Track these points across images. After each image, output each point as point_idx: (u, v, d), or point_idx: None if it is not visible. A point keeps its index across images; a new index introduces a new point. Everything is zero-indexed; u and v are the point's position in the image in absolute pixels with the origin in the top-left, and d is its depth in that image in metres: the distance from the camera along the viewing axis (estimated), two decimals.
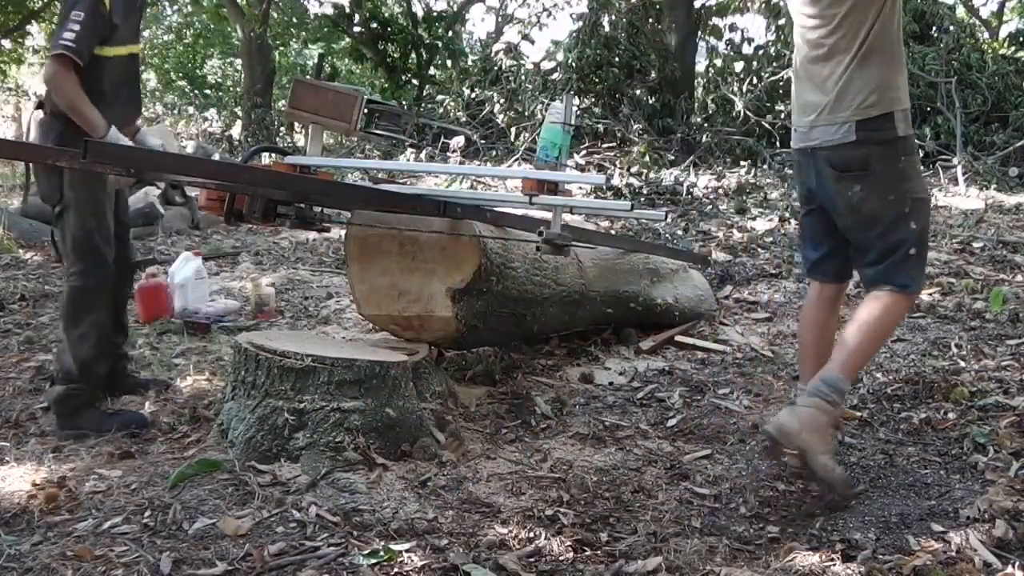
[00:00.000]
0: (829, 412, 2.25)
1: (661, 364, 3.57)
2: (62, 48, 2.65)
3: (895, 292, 2.33)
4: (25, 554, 1.97)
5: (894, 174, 2.30)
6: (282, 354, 2.49)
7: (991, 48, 11.58)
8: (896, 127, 2.28)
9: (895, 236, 2.32)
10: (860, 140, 2.27)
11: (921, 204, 2.37)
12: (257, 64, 14.47)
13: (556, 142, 2.74)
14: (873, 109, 2.27)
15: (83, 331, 2.85)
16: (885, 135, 2.28)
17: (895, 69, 2.31)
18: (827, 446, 2.24)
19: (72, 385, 2.84)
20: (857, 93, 2.28)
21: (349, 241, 3.13)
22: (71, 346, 2.86)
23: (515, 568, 1.88)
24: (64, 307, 2.89)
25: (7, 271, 5.76)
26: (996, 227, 6.15)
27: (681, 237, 6.30)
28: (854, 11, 2.27)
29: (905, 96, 2.32)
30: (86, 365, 2.85)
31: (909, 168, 2.33)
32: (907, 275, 2.34)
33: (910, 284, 2.35)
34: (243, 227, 7.02)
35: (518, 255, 3.13)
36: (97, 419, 2.83)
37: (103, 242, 2.86)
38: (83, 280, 2.84)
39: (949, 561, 1.89)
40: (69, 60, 2.66)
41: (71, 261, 2.85)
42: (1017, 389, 3.06)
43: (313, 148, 2.99)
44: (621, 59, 10.34)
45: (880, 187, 2.29)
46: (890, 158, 2.29)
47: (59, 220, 2.86)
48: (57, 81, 2.70)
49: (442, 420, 2.64)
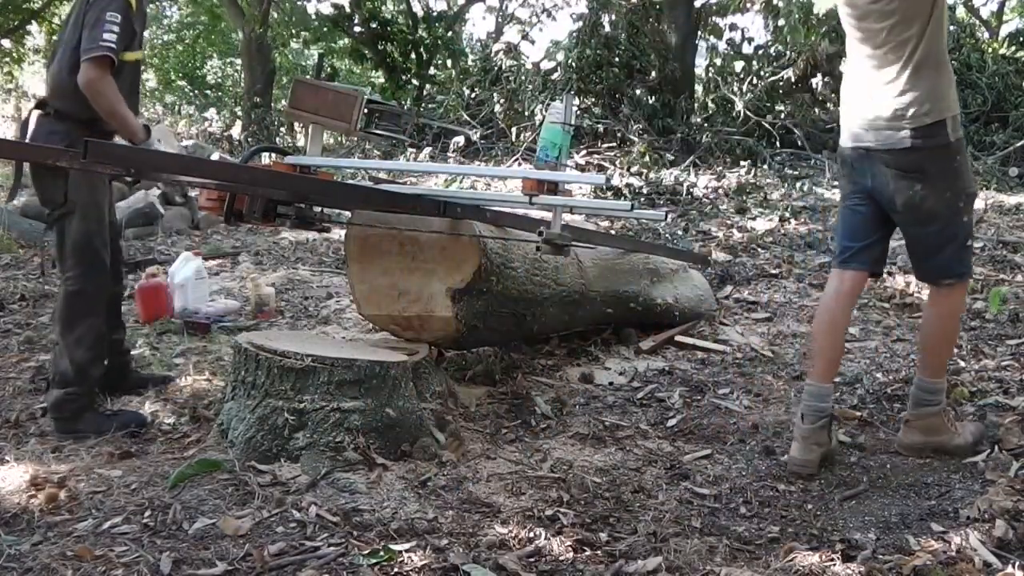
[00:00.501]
0: (936, 412, 2.59)
1: (661, 364, 3.57)
2: (104, 50, 2.62)
3: (957, 282, 2.56)
4: (25, 554, 1.97)
5: (949, 174, 2.47)
6: (282, 354, 2.49)
7: (991, 48, 11.58)
8: (948, 133, 2.44)
9: (952, 230, 2.51)
10: (915, 147, 2.43)
11: (971, 198, 2.56)
12: (257, 64, 14.46)
13: (556, 142, 2.74)
14: (927, 117, 2.42)
15: (79, 334, 2.84)
16: (938, 141, 2.44)
17: (945, 79, 2.47)
18: (948, 433, 2.59)
19: (69, 389, 2.83)
20: (911, 102, 2.42)
21: (349, 241, 3.13)
22: (68, 349, 2.84)
23: (515, 568, 1.88)
24: (60, 311, 2.88)
25: (7, 271, 5.76)
26: (996, 227, 6.15)
27: (681, 237, 6.30)
28: (899, 24, 2.41)
29: (955, 103, 2.48)
30: (82, 368, 2.84)
31: (961, 167, 2.50)
32: (964, 264, 2.58)
33: (967, 271, 2.60)
34: (243, 227, 7.02)
35: (518, 255, 3.13)
36: (96, 421, 2.82)
37: (102, 246, 2.86)
38: (81, 284, 2.82)
39: (949, 561, 1.89)
40: (109, 62, 2.64)
41: (69, 265, 2.83)
42: (1017, 389, 3.06)
43: (313, 148, 2.99)
44: (621, 59, 10.33)
45: (936, 187, 2.46)
46: (944, 160, 2.46)
47: (58, 223, 2.83)
48: (99, 86, 2.65)
49: (442, 420, 2.64)
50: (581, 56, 10.22)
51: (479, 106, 10.99)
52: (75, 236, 2.80)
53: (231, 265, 6.04)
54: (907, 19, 2.39)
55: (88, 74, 2.64)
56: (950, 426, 2.61)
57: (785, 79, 10.46)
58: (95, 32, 2.62)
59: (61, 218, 2.81)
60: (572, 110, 2.77)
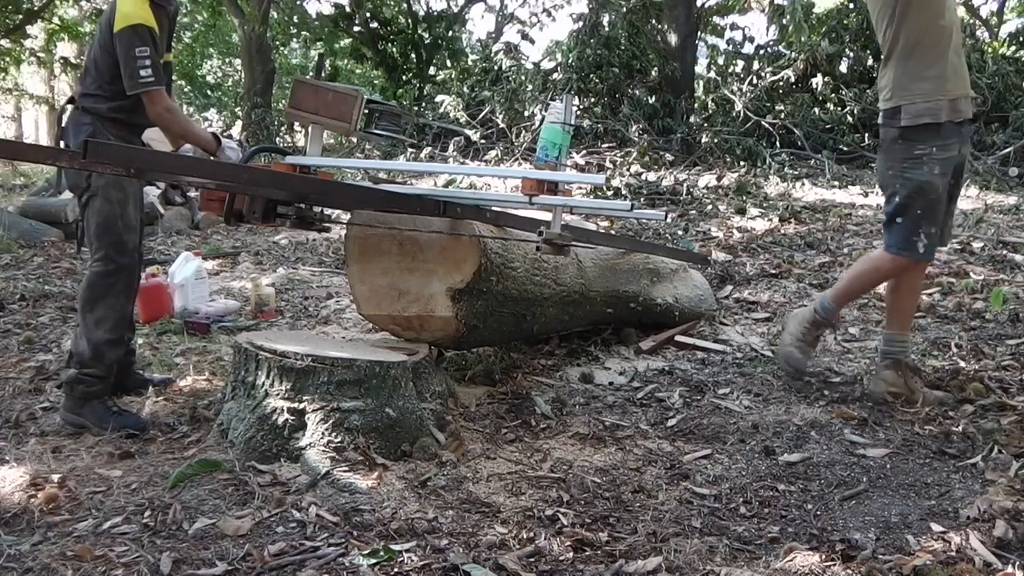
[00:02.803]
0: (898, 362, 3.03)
1: (661, 364, 3.57)
2: (149, 86, 2.83)
3: (894, 254, 2.93)
4: (25, 554, 1.97)
5: (893, 154, 2.88)
6: (282, 354, 2.49)
7: (991, 48, 11.58)
8: (901, 119, 2.82)
9: (889, 206, 2.92)
10: (881, 124, 2.93)
11: (912, 187, 2.84)
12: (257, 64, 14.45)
13: (556, 142, 2.74)
14: (887, 103, 2.88)
15: (100, 315, 2.90)
16: (892, 123, 2.87)
17: (912, 68, 2.81)
18: (912, 383, 2.99)
19: (85, 370, 2.88)
20: (882, 88, 2.91)
21: (349, 241, 3.13)
22: (86, 329, 2.90)
23: (515, 568, 1.88)
24: (83, 291, 2.94)
25: (7, 271, 5.76)
26: (996, 227, 6.16)
27: (681, 237, 6.31)
28: (879, 11, 2.87)
29: (921, 93, 2.80)
30: (99, 349, 2.89)
31: (908, 152, 2.83)
32: (899, 243, 2.90)
33: (899, 251, 2.91)
34: (243, 227, 7.03)
35: (518, 255, 3.13)
36: (100, 414, 2.85)
37: (125, 229, 2.92)
38: (104, 265, 2.90)
39: (949, 561, 1.89)
40: (157, 92, 2.85)
41: (94, 247, 2.92)
42: (1017, 389, 3.06)
43: (313, 148, 2.99)
44: (621, 59, 10.33)
45: (884, 161, 2.94)
46: (893, 140, 2.87)
47: (85, 208, 2.92)
48: (166, 119, 2.93)
49: (442, 420, 2.64)
50: (581, 56, 10.22)
51: (479, 106, 10.98)
52: (98, 218, 2.89)
53: (231, 265, 6.04)
54: (884, 5, 2.82)
55: (152, 112, 2.90)
56: (913, 380, 2.96)
57: (785, 79, 10.46)
58: (130, 69, 2.82)
59: (87, 202, 2.90)
60: (572, 110, 2.77)
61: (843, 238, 6.13)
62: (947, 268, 5.00)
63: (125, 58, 2.81)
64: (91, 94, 2.94)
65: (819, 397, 3.08)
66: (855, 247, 5.77)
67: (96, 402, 2.88)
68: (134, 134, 3.01)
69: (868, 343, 3.79)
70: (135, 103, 2.90)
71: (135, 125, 3.00)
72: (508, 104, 10.31)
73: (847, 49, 10.58)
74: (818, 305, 3.12)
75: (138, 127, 3.02)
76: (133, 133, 3.00)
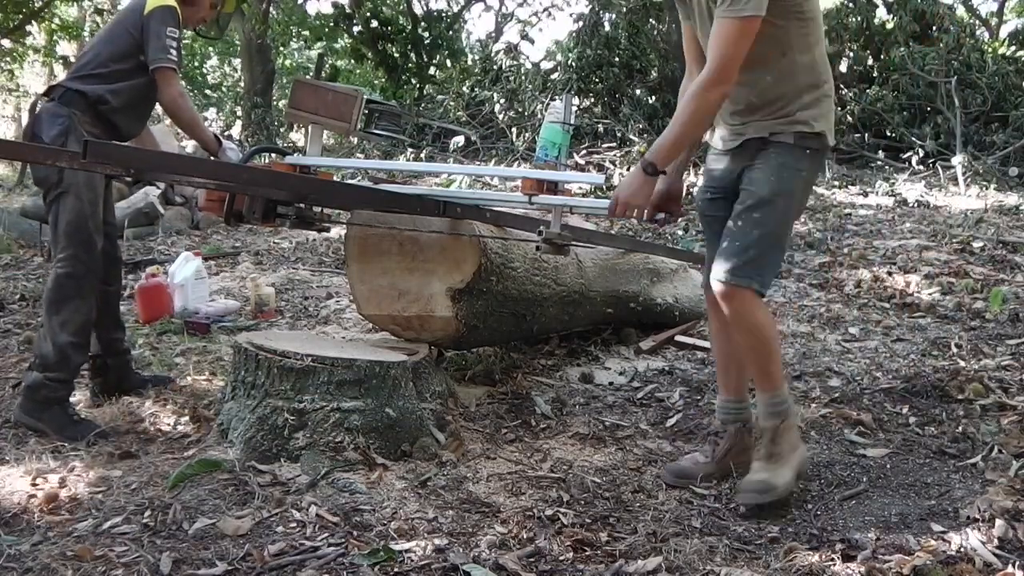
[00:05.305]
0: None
1: (661, 364, 3.57)
2: (172, 63, 2.84)
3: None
4: (25, 554, 1.97)
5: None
6: (282, 354, 2.49)
7: (991, 48, 11.58)
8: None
9: None
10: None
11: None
12: (257, 64, 14.46)
13: (556, 141, 2.74)
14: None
15: (65, 318, 2.81)
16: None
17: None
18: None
19: (48, 375, 2.79)
20: None
21: (349, 241, 3.13)
22: (51, 332, 2.81)
23: (515, 568, 1.88)
24: (48, 292, 2.84)
25: (7, 271, 5.76)
26: (996, 227, 6.16)
27: (681, 237, 6.30)
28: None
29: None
30: (64, 353, 2.80)
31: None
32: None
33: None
34: (243, 227, 7.02)
35: (518, 255, 3.13)
36: (60, 421, 2.77)
37: (95, 229, 2.85)
38: (71, 266, 2.80)
39: (949, 561, 1.89)
40: (177, 75, 2.85)
41: (61, 246, 2.81)
42: (1017, 389, 3.06)
43: (313, 148, 2.99)
44: (621, 59, 10.34)
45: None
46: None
47: (53, 205, 2.82)
48: (179, 103, 2.92)
49: (442, 420, 2.64)
50: (581, 56, 10.23)
51: (479, 106, 10.99)
52: (68, 216, 2.79)
53: (231, 265, 6.04)
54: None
55: (166, 90, 2.88)
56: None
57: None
58: (160, 43, 2.82)
59: (57, 199, 2.81)
60: (572, 110, 2.76)
61: (843, 238, 6.13)
62: (947, 268, 5.00)
63: (156, 32, 2.81)
64: (87, 75, 2.86)
65: (819, 397, 3.08)
66: (855, 247, 5.77)
67: (57, 408, 2.80)
68: (109, 134, 2.88)
69: (868, 343, 3.79)
70: (133, 90, 2.85)
71: (114, 125, 2.90)
72: (508, 104, 10.31)
73: (847, 49, 10.59)
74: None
75: (116, 128, 2.91)
76: (108, 133, 2.88)
